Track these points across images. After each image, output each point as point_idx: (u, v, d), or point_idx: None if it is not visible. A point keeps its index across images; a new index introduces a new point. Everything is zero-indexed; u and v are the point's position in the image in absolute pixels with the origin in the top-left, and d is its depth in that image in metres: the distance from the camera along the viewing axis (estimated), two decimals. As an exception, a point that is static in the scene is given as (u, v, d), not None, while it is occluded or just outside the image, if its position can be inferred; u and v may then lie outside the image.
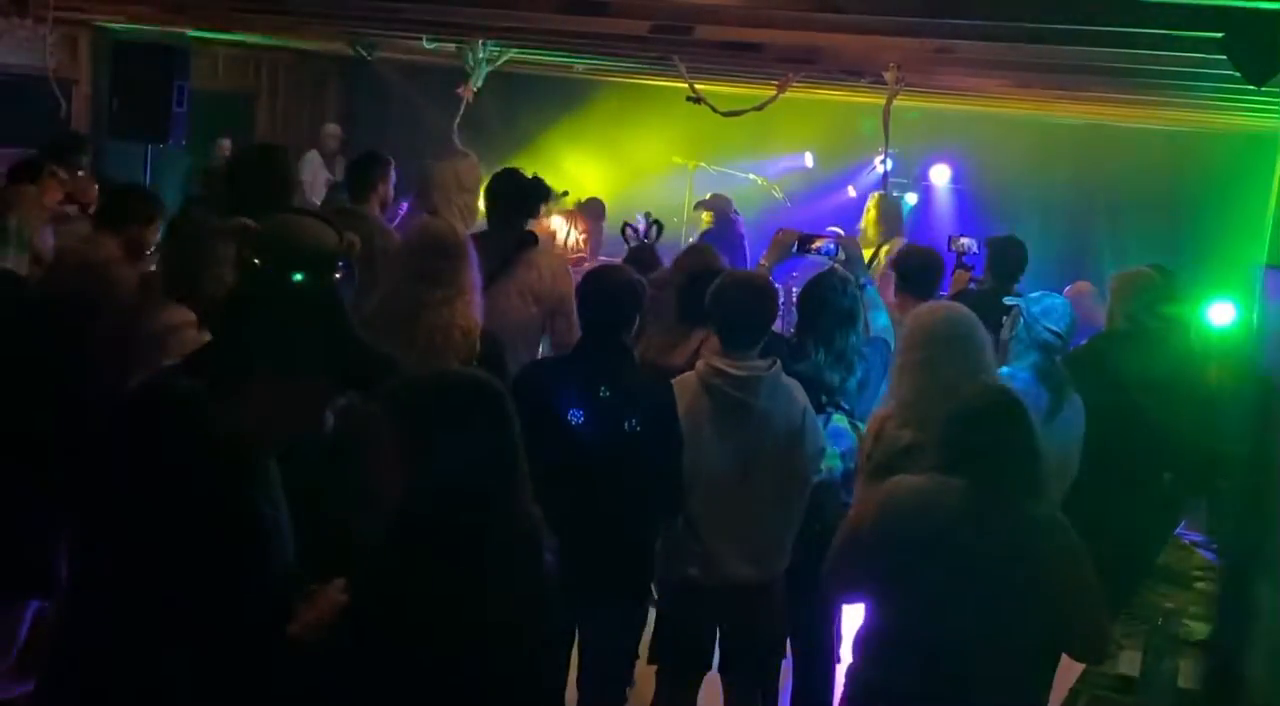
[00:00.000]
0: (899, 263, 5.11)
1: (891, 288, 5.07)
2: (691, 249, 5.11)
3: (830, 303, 4.18)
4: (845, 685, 3.15)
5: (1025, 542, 2.92)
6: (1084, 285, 6.35)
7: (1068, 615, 2.92)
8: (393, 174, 5.79)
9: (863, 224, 7.11)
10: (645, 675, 3.99)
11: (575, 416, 3.54)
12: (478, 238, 4.47)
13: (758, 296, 3.80)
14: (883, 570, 3.04)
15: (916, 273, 4.92)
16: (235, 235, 3.15)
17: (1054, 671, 3.07)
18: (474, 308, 3.73)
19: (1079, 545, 2.98)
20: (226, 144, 9.64)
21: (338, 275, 2.83)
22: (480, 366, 3.57)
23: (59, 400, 3.58)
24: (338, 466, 2.56)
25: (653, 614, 3.93)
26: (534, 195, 4.97)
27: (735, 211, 8.55)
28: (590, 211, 9.19)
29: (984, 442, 2.97)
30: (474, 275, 3.78)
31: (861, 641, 3.14)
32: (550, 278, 4.71)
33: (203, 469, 2.16)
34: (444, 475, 2.26)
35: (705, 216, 8.47)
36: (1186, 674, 3.18)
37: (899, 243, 7.89)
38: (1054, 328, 4.04)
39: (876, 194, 7.47)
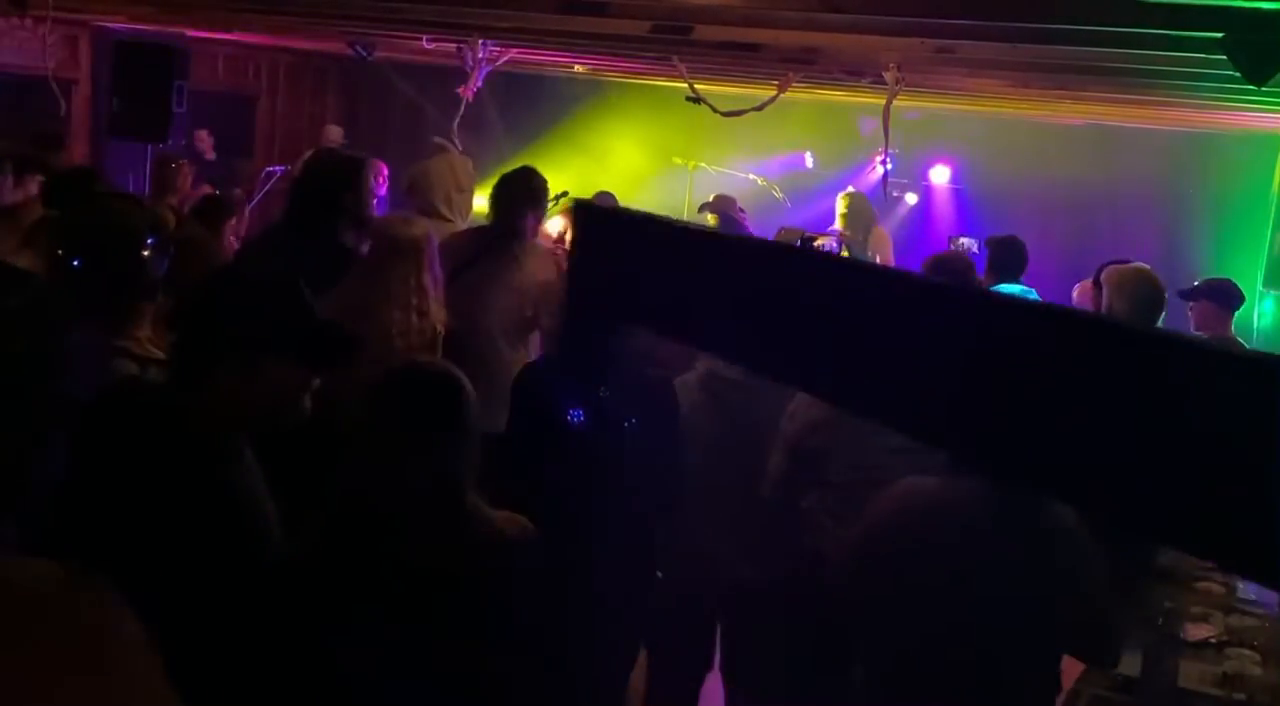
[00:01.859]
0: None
1: None
2: None
3: None
4: (854, 691, 3.15)
5: (1028, 547, 2.91)
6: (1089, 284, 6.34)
7: (1077, 614, 2.93)
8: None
9: (836, 224, 7.24)
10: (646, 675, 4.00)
11: (575, 416, 3.54)
12: (471, 232, 4.44)
13: None
14: (888, 572, 3.02)
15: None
16: (40, 227, 3.17)
17: (1058, 668, 3.07)
18: (431, 308, 3.71)
19: (1095, 552, 2.98)
20: (204, 135, 9.67)
21: (146, 252, 2.82)
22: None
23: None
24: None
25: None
26: (528, 191, 4.93)
27: (740, 210, 8.55)
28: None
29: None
30: (429, 276, 3.75)
31: (869, 643, 3.13)
32: (533, 271, 4.68)
33: (175, 462, 2.16)
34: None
35: (710, 219, 8.48)
36: (1186, 674, 3.18)
37: (881, 234, 7.97)
38: None
39: (844, 192, 7.55)
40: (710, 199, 8.70)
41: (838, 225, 7.17)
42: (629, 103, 10.63)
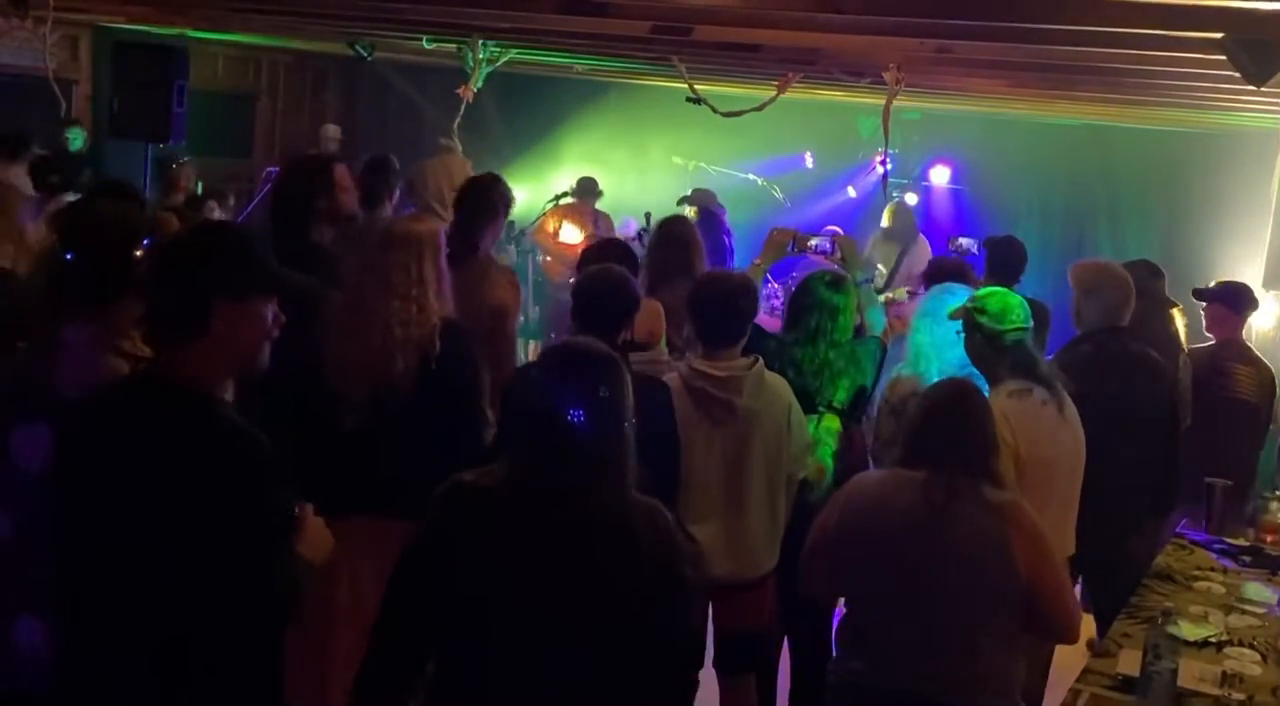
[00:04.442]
0: (929, 276, 5.10)
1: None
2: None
3: (824, 297, 4.19)
4: (829, 677, 3.19)
5: (983, 528, 2.97)
6: None
7: (1035, 596, 2.98)
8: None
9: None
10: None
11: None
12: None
13: (732, 296, 3.81)
14: (850, 564, 3.14)
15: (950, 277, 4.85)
16: (47, 220, 3.19)
17: (1022, 650, 3.11)
18: (430, 301, 3.72)
19: (1040, 528, 3.06)
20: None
21: (139, 252, 2.83)
22: (440, 360, 3.60)
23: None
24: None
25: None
26: (489, 199, 4.91)
27: (719, 205, 8.60)
28: (583, 192, 9.21)
29: (940, 433, 3.08)
30: (431, 269, 3.77)
31: (841, 633, 3.19)
32: (489, 291, 4.61)
33: (172, 425, 2.26)
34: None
35: (691, 212, 8.53)
36: (1186, 674, 3.18)
37: (924, 245, 8.07)
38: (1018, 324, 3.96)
39: (891, 204, 7.69)
40: (689, 193, 8.76)
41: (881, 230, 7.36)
42: (629, 103, 10.62)
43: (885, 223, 8.54)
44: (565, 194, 9.16)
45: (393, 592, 2.40)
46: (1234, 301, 5.58)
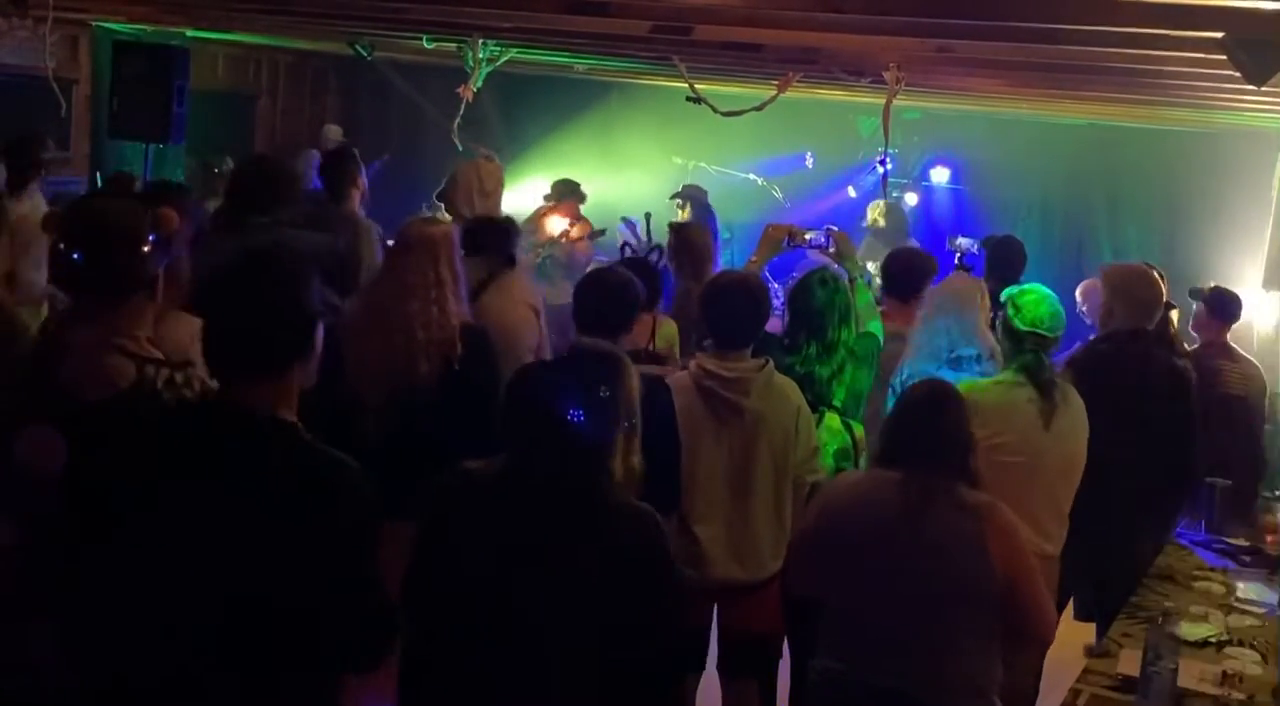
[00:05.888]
0: (885, 266, 5.13)
1: None
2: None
3: (822, 297, 4.19)
4: (810, 675, 3.20)
5: (959, 529, 2.98)
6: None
7: (1011, 596, 2.99)
8: (364, 168, 5.92)
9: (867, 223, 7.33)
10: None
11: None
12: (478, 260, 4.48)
13: (748, 297, 3.81)
14: (830, 563, 3.16)
15: (900, 274, 4.95)
16: (47, 223, 3.18)
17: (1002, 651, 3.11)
18: (450, 302, 3.73)
19: (1016, 527, 3.07)
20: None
21: (146, 249, 2.82)
22: (463, 362, 3.60)
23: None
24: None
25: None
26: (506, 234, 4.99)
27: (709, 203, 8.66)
28: (563, 193, 9.20)
29: (915, 433, 3.10)
30: (447, 270, 3.77)
31: (822, 631, 3.20)
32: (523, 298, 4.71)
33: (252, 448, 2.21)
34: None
35: (684, 212, 8.58)
36: (1186, 673, 3.18)
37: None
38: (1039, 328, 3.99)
39: (875, 201, 7.61)
40: (680, 188, 8.78)
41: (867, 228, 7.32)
42: (629, 102, 10.62)
43: (878, 223, 8.41)
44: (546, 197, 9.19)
45: (407, 577, 2.48)
46: (1214, 306, 5.71)
